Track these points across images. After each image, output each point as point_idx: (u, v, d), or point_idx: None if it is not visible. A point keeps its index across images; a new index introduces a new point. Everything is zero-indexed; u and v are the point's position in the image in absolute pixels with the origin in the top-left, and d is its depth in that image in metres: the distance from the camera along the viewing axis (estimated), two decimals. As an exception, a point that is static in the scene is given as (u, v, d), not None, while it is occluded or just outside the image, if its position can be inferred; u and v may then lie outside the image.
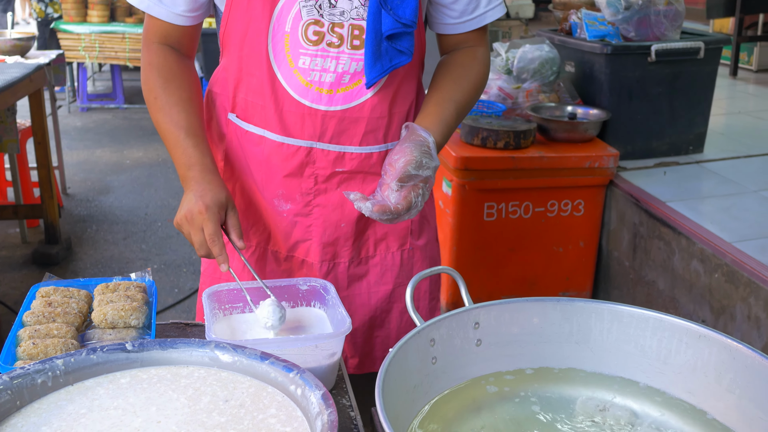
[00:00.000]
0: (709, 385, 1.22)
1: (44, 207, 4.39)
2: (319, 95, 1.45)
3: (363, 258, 1.62)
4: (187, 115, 1.47)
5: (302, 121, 1.47)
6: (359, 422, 1.18)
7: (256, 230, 1.59)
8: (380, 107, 1.49)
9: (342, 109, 1.47)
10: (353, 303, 1.63)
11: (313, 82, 1.45)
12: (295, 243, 1.58)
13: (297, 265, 1.60)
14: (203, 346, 1.09)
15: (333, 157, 1.51)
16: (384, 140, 1.53)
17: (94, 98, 8.58)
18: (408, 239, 1.64)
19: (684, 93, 3.45)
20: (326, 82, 1.45)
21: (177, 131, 1.45)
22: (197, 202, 1.36)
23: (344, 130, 1.49)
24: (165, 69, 1.50)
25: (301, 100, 1.46)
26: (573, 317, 1.31)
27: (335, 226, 1.56)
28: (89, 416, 0.98)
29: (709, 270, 2.67)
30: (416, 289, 1.68)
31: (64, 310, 1.24)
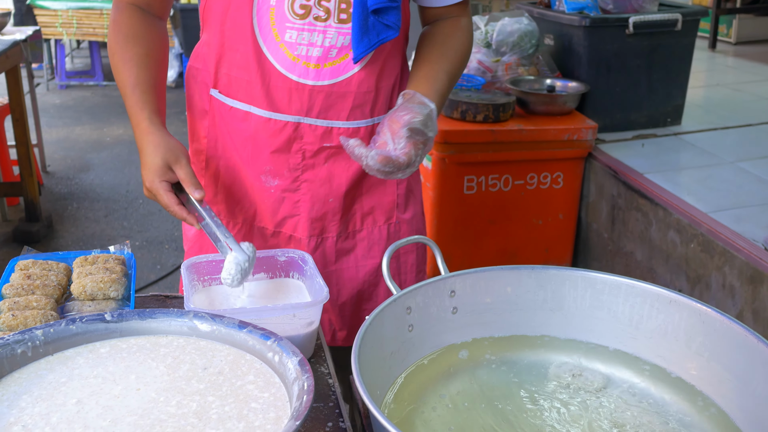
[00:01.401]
0: (679, 349, 1.25)
1: (24, 185, 4.36)
2: (306, 70, 1.45)
3: (350, 232, 1.63)
4: (138, 70, 1.45)
5: (289, 96, 1.47)
6: (337, 389, 1.20)
7: (241, 207, 1.59)
8: (367, 82, 1.49)
9: (329, 83, 1.47)
10: (341, 277, 1.64)
11: (300, 56, 1.44)
12: (282, 219, 1.58)
13: (284, 240, 1.61)
14: (182, 316, 1.11)
15: (321, 132, 1.51)
16: (371, 114, 1.54)
17: (72, 75, 8.49)
18: (394, 213, 1.65)
19: (662, 65, 3.47)
20: (313, 56, 1.44)
21: (124, 88, 1.44)
22: (145, 174, 1.37)
23: (332, 104, 1.49)
24: (126, 27, 1.48)
25: (288, 74, 1.45)
26: (547, 285, 1.33)
27: (323, 201, 1.57)
28: (69, 384, 0.99)
29: (685, 240, 2.71)
30: (403, 263, 1.69)
31: (43, 282, 1.25)
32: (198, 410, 0.94)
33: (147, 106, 1.42)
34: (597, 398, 1.20)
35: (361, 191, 1.60)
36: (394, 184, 1.64)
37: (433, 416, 1.13)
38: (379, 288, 1.68)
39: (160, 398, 0.97)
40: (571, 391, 1.21)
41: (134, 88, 1.43)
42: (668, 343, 1.26)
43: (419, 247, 1.72)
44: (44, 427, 0.91)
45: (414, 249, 1.71)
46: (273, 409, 0.95)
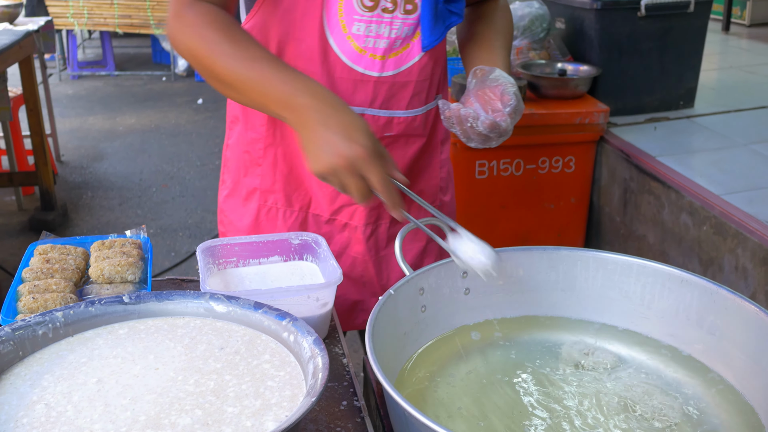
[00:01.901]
0: (690, 328, 1.26)
1: (39, 174, 4.40)
2: (372, 61, 1.45)
3: None
4: (266, 50, 1.30)
5: (354, 88, 1.46)
6: (351, 369, 1.22)
7: (298, 195, 1.58)
8: (426, 69, 1.50)
9: (393, 74, 1.47)
10: (391, 262, 1.64)
11: (367, 48, 1.44)
12: (339, 207, 1.57)
13: (338, 228, 1.60)
14: (198, 298, 1.13)
15: (382, 123, 1.51)
16: (425, 102, 1.54)
17: (84, 66, 8.53)
18: (438, 196, 1.67)
19: (674, 48, 3.46)
20: (380, 48, 1.44)
21: (262, 65, 1.25)
22: (350, 145, 1.17)
23: (394, 94, 1.49)
24: (219, 22, 1.30)
25: (354, 66, 1.45)
26: (559, 265, 1.34)
27: None
28: (89, 364, 1.01)
29: (697, 222, 2.71)
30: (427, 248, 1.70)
31: (62, 266, 1.27)
32: (215, 388, 0.96)
33: (303, 75, 1.26)
34: (608, 377, 1.21)
35: (411, 176, 1.60)
36: (438, 168, 1.65)
37: (446, 395, 1.15)
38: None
39: (179, 377, 0.99)
40: (583, 370, 1.23)
41: (278, 62, 1.28)
42: (679, 323, 1.27)
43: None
44: (66, 405, 0.93)
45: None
46: (289, 387, 0.97)
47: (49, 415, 0.91)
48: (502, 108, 1.34)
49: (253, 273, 1.36)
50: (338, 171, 1.18)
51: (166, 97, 7.49)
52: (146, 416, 0.91)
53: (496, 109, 1.35)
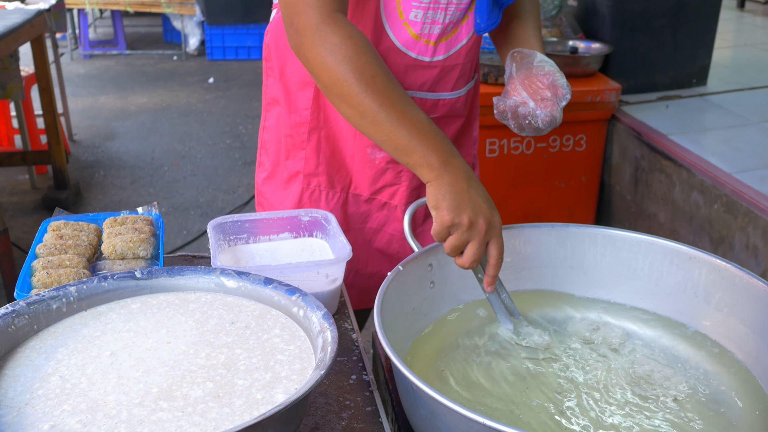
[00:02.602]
0: (698, 305, 1.26)
1: (52, 153, 4.43)
2: (426, 47, 1.46)
3: None
4: (416, 108, 1.25)
5: (405, 72, 1.47)
6: (360, 344, 1.23)
7: (340, 176, 1.60)
8: (472, 51, 1.52)
9: (443, 58, 1.48)
10: (426, 237, 1.66)
11: (422, 34, 1.44)
12: (381, 187, 1.59)
13: (377, 206, 1.62)
14: (209, 273, 1.14)
15: (429, 105, 1.52)
16: (465, 83, 1.56)
17: (96, 45, 8.53)
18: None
19: (687, 25, 3.42)
20: (434, 33, 1.45)
21: (421, 119, 1.23)
22: (493, 213, 1.19)
23: (442, 77, 1.50)
24: (370, 49, 1.25)
25: (408, 52, 1.46)
26: (567, 242, 1.35)
27: None
28: (103, 338, 1.03)
29: (708, 201, 2.70)
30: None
31: (75, 242, 1.29)
32: (226, 362, 0.98)
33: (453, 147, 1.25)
34: (616, 353, 1.22)
35: None
36: (471, 146, 1.68)
37: (453, 369, 1.16)
38: None
39: (190, 351, 1.00)
40: (591, 346, 1.23)
41: (430, 120, 1.25)
42: (687, 299, 1.28)
43: None
44: (80, 377, 0.95)
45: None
46: (298, 360, 0.98)
47: (63, 387, 0.93)
48: (556, 101, 1.34)
49: (263, 249, 1.37)
50: (472, 229, 1.16)
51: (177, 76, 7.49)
52: (159, 388, 0.92)
53: (546, 97, 1.34)
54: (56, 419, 0.87)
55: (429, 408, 0.94)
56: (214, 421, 0.87)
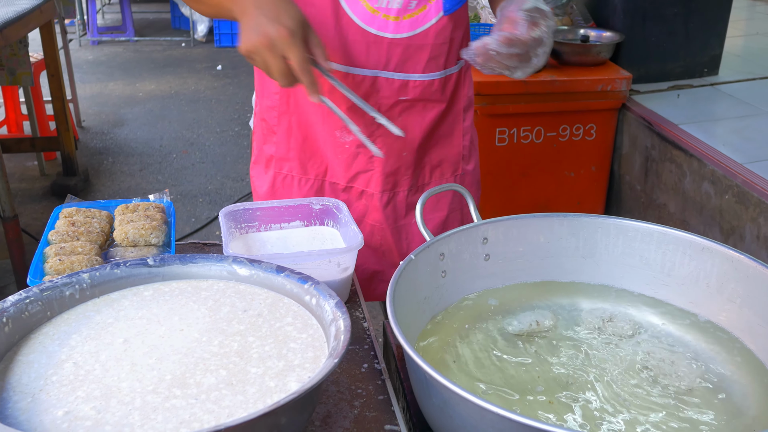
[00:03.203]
0: (711, 296, 1.26)
1: (61, 139, 4.44)
2: (385, 22, 1.43)
3: (420, 186, 1.62)
4: None
5: (367, 50, 1.44)
6: (372, 332, 1.23)
7: (313, 163, 1.58)
8: (444, 32, 1.47)
9: (408, 36, 1.44)
10: (410, 231, 1.64)
11: (380, 8, 1.42)
12: (356, 174, 1.57)
13: (356, 196, 1.60)
14: (221, 261, 1.14)
15: (397, 86, 1.49)
16: (444, 66, 1.51)
17: (104, 31, 8.53)
18: (460, 165, 1.65)
19: (699, 14, 3.40)
20: (393, 8, 1.41)
21: None
22: (275, 26, 1.20)
23: (409, 57, 1.47)
24: None
25: (367, 27, 1.43)
26: (579, 232, 1.34)
27: (398, 156, 1.55)
28: (116, 325, 1.03)
29: (719, 191, 2.69)
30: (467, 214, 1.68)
31: (87, 229, 1.29)
32: (239, 350, 0.98)
33: None
34: (627, 343, 1.21)
35: (431, 144, 1.59)
36: (461, 136, 1.63)
37: (465, 358, 1.16)
38: None
39: (203, 338, 1.00)
40: (602, 336, 1.23)
41: None
42: (700, 290, 1.27)
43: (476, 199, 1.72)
44: (94, 363, 0.95)
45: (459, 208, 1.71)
46: (311, 349, 0.98)
47: (77, 374, 0.93)
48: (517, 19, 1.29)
49: (274, 237, 1.37)
50: (260, 50, 1.22)
51: (186, 63, 7.49)
52: (172, 375, 0.92)
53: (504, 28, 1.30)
54: (70, 405, 0.88)
55: (442, 397, 0.94)
56: (227, 408, 0.87)
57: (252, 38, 1.22)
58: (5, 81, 4.18)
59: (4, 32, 3.28)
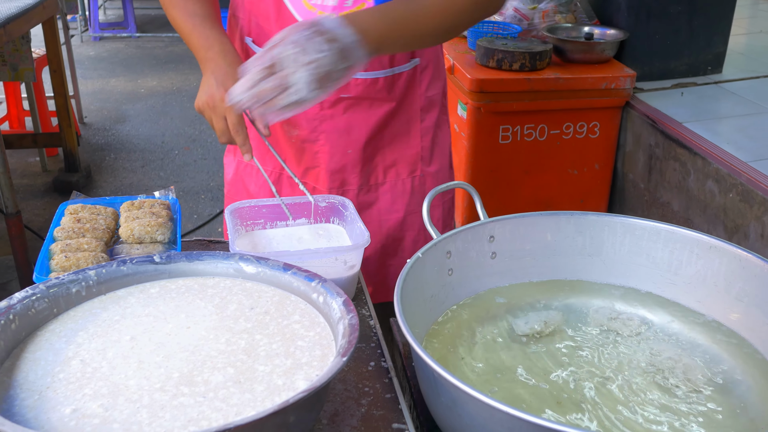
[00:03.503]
0: (718, 295, 1.25)
1: (63, 135, 4.43)
2: None
3: (372, 185, 1.62)
4: (201, 4, 1.43)
5: None
6: (378, 330, 1.23)
7: (272, 155, 1.60)
8: None
9: None
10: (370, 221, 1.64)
11: (315, 5, 1.42)
12: (305, 169, 1.59)
13: (309, 190, 1.58)
14: (228, 258, 1.14)
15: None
16: (390, 65, 1.51)
17: (106, 27, 8.52)
18: (419, 165, 1.64)
19: (704, 12, 3.38)
20: (329, 5, 1.42)
21: (192, 19, 1.41)
22: (219, 88, 1.30)
23: None
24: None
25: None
26: (586, 230, 1.34)
27: (342, 153, 1.56)
28: (122, 322, 1.03)
29: (724, 190, 2.68)
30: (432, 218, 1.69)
31: (93, 226, 1.28)
32: (247, 347, 0.98)
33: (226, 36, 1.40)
34: (634, 342, 1.21)
35: (383, 143, 1.59)
36: (419, 136, 1.62)
37: (472, 357, 1.15)
38: (404, 243, 1.67)
39: (210, 336, 1.00)
40: (609, 334, 1.23)
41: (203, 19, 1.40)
42: (707, 289, 1.27)
43: (445, 201, 1.72)
44: (101, 361, 0.95)
45: (440, 204, 1.71)
46: (319, 347, 0.98)
47: (84, 371, 0.93)
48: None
49: (280, 235, 1.36)
50: (205, 108, 1.33)
51: (188, 59, 7.47)
52: (179, 373, 0.92)
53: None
54: (78, 403, 0.87)
55: (450, 396, 0.94)
56: (235, 406, 0.87)
57: (202, 97, 1.33)
58: (7, 77, 4.17)
59: (7, 28, 3.27)
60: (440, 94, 1.65)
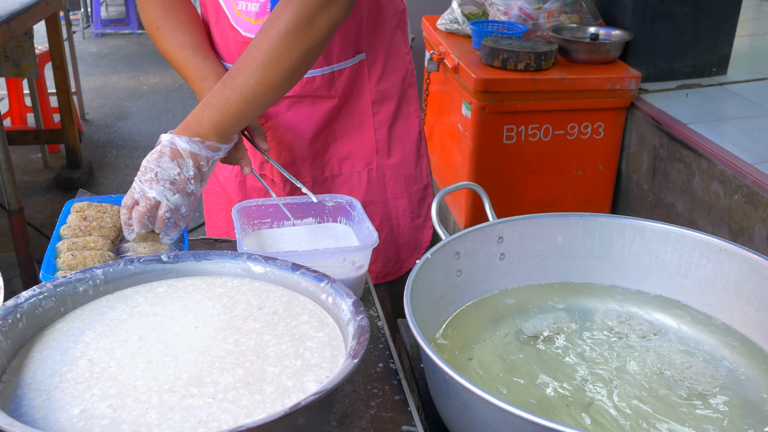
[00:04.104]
0: (728, 298, 1.25)
1: (65, 132, 4.42)
2: (248, 24, 1.46)
3: (328, 177, 1.64)
4: (192, 35, 1.46)
5: (239, 49, 1.48)
6: (386, 331, 1.22)
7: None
8: None
9: None
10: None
11: (242, 11, 1.45)
12: (261, 163, 1.62)
13: (269, 183, 1.64)
14: (236, 258, 1.13)
15: None
16: (327, 63, 1.52)
17: (108, 23, 8.51)
18: (374, 158, 1.65)
19: (709, 13, 3.38)
20: (252, 11, 1.45)
21: (185, 51, 1.45)
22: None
23: None
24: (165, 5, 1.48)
25: (238, 29, 1.47)
26: (595, 232, 1.33)
27: (289, 149, 1.58)
28: (130, 322, 1.02)
29: (729, 192, 2.67)
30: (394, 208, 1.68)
31: (99, 224, 1.28)
32: (255, 348, 0.97)
33: (220, 65, 1.45)
34: (644, 344, 1.20)
35: (334, 136, 1.61)
36: (372, 130, 1.63)
37: (480, 358, 1.15)
38: None
39: (218, 336, 0.99)
40: (618, 337, 1.22)
41: (196, 51, 1.44)
42: (717, 292, 1.26)
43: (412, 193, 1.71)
44: (109, 361, 0.94)
45: (405, 195, 1.70)
46: (328, 348, 0.97)
47: (92, 371, 0.92)
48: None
49: (287, 234, 1.36)
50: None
51: (190, 56, 7.46)
52: (188, 374, 0.91)
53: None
54: (86, 403, 0.87)
55: (461, 398, 0.93)
56: (245, 408, 0.86)
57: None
58: (10, 72, 4.16)
59: (10, 24, 3.26)
60: (398, 86, 1.64)
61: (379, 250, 1.69)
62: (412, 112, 1.70)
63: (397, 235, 1.71)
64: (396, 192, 1.68)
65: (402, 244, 1.72)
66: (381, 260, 1.70)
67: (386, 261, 1.71)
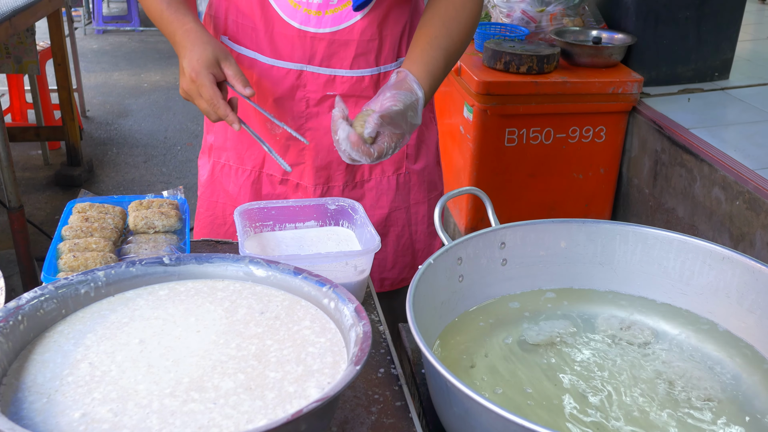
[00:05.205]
0: (730, 306, 1.24)
1: (65, 129, 4.41)
2: (307, 17, 1.43)
3: (358, 182, 1.62)
4: None
5: (292, 44, 1.46)
6: (388, 336, 1.22)
7: (251, 153, 1.60)
8: (370, 30, 1.47)
9: (331, 31, 1.45)
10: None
11: (301, 3, 1.43)
12: (290, 166, 1.57)
13: (292, 188, 1.61)
14: (238, 261, 1.12)
15: (323, 81, 1.49)
16: (376, 63, 1.51)
17: (109, 20, 8.50)
18: (404, 163, 1.64)
19: (712, 18, 3.37)
20: (314, 3, 1.42)
21: (159, 5, 1.41)
22: (188, 69, 1.32)
23: (334, 52, 1.47)
24: None
25: (291, 21, 1.44)
26: (598, 239, 1.33)
27: (328, 150, 1.56)
28: (131, 325, 1.01)
29: (730, 197, 2.67)
30: (415, 213, 1.69)
31: (101, 225, 1.27)
32: (257, 353, 0.96)
33: (190, 16, 1.40)
34: (645, 351, 1.20)
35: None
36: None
37: (481, 364, 1.14)
38: (388, 239, 1.67)
39: (220, 340, 0.99)
40: (619, 343, 1.22)
41: (169, 4, 1.41)
42: (719, 300, 1.26)
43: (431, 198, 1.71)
44: (110, 364, 0.93)
45: (426, 200, 1.70)
46: (330, 353, 0.97)
47: (93, 374, 0.92)
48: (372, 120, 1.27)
49: (289, 237, 1.35)
50: (187, 95, 1.36)
51: (191, 54, 7.45)
52: (189, 378, 0.91)
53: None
54: (87, 407, 0.86)
55: (463, 406, 0.93)
56: (246, 414, 0.86)
57: (181, 84, 1.36)
58: (11, 69, 4.16)
59: (12, 20, 3.26)
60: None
61: (397, 256, 1.69)
62: (432, 118, 1.70)
63: (415, 241, 1.70)
64: (419, 197, 1.68)
65: (418, 250, 1.72)
66: (398, 266, 1.70)
67: (403, 267, 1.71)
